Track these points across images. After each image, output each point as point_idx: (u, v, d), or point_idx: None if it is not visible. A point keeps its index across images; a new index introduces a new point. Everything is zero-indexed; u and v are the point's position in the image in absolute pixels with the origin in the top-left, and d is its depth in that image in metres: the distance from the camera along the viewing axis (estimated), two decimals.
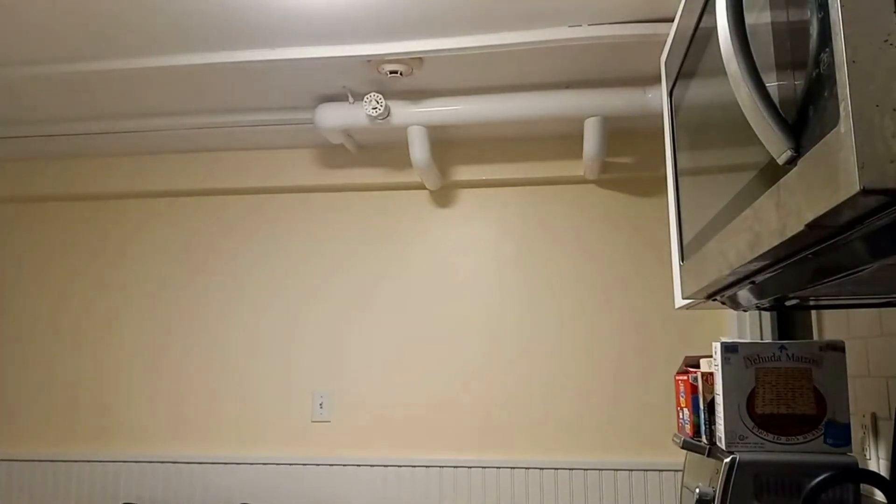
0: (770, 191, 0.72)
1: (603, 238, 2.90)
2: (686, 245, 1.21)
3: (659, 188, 2.88)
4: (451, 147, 2.97)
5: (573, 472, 2.73)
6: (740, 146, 0.83)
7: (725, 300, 1.13)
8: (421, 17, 2.03)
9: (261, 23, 2.05)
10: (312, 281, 3.03)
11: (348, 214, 3.07)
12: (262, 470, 2.88)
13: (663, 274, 2.81)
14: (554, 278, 2.90)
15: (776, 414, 1.40)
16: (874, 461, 1.54)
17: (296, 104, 2.66)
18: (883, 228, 0.59)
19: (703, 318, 2.76)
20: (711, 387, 1.54)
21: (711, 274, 0.99)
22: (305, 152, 3.06)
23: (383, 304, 2.97)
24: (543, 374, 2.83)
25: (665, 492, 2.67)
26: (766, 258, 0.77)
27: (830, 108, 0.56)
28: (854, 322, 1.64)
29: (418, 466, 2.81)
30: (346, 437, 2.90)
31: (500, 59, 2.27)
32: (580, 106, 2.45)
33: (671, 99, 1.34)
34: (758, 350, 1.42)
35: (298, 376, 2.96)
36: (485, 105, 2.49)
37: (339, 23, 2.06)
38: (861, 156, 0.52)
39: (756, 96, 0.66)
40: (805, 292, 0.94)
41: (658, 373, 2.76)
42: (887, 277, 0.81)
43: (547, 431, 2.80)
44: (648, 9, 1.99)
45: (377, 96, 2.44)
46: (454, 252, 2.97)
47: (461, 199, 3.02)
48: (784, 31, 0.69)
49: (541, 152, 2.93)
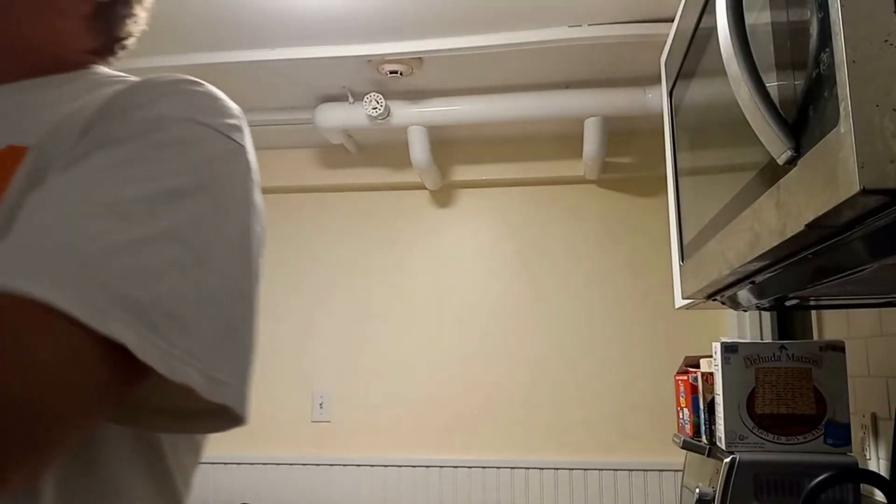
0: (770, 191, 0.72)
1: (603, 238, 2.90)
2: (686, 245, 1.21)
3: (659, 188, 2.88)
4: (451, 147, 2.97)
5: (573, 472, 2.73)
6: (740, 146, 0.83)
7: (725, 300, 1.13)
8: (421, 17, 2.03)
9: (261, 23, 2.05)
10: (312, 281, 3.03)
11: (348, 214, 3.07)
12: (262, 470, 2.88)
13: (663, 274, 2.81)
14: (554, 278, 2.90)
15: (776, 414, 1.40)
16: (874, 461, 1.54)
17: (296, 104, 2.66)
18: (883, 228, 0.59)
19: (703, 318, 2.76)
20: (711, 387, 1.54)
21: (711, 274, 0.99)
22: (305, 152, 3.06)
23: (383, 304, 2.97)
24: (543, 374, 2.83)
25: (665, 492, 2.67)
26: (766, 258, 0.77)
27: (830, 108, 0.56)
28: (854, 322, 1.64)
29: (418, 466, 2.81)
30: (346, 437, 2.90)
31: (500, 59, 2.27)
32: (580, 106, 2.45)
33: (671, 99, 1.34)
34: (758, 350, 1.42)
35: (298, 376, 2.96)
36: (485, 105, 2.49)
37: (339, 23, 2.06)
38: (861, 156, 0.52)
39: (756, 96, 0.66)
40: (805, 292, 0.94)
41: (658, 373, 2.76)
42: (887, 277, 0.81)
43: (547, 431, 2.79)
44: (648, 9, 1.99)
45: (377, 96, 2.44)
46: (454, 252, 2.97)
47: (461, 199, 3.02)
48: (784, 31, 0.69)
49: (541, 152, 2.93)
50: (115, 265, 0.44)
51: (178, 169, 0.49)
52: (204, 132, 0.52)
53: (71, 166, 0.48)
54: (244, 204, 0.54)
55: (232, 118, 0.56)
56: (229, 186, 0.53)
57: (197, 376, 0.46)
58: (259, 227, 0.56)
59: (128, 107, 0.52)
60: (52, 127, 0.53)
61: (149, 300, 0.44)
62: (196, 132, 0.52)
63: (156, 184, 0.48)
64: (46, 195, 0.47)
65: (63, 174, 0.48)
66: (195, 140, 0.51)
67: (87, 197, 0.46)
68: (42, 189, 0.47)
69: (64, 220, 0.44)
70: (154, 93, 0.53)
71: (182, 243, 0.47)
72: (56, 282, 0.42)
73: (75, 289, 0.42)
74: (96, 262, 0.43)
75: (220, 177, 0.52)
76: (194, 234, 0.48)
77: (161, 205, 0.47)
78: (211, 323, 0.48)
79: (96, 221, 0.45)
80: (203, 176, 0.50)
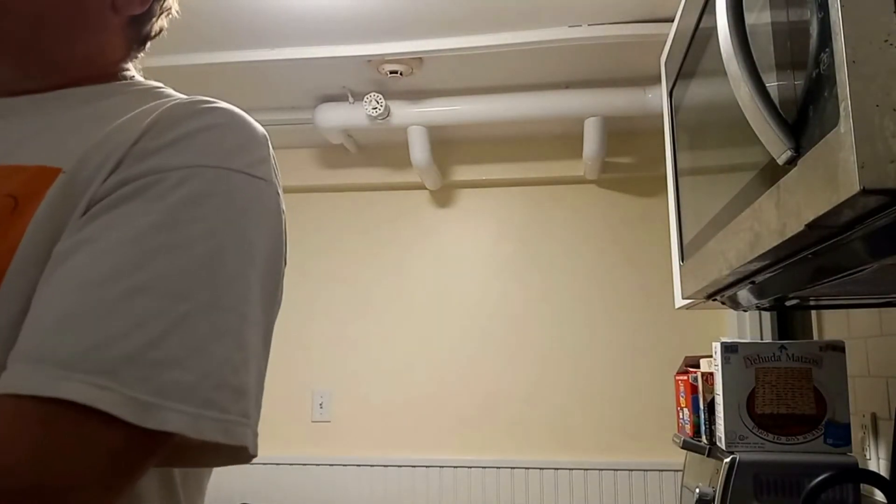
0: (770, 191, 0.72)
1: (603, 238, 2.90)
2: (686, 245, 1.21)
3: (659, 188, 2.88)
4: (451, 147, 2.97)
5: (573, 472, 2.73)
6: (740, 146, 0.83)
7: (725, 300, 1.13)
8: (421, 17, 2.03)
9: (261, 23, 2.05)
10: (312, 281, 3.03)
11: (348, 214, 3.07)
12: (262, 470, 2.88)
13: (663, 274, 2.81)
14: (554, 278, 2.90)
15: (776, 414, 1.40)
16: (874, 461, 1.54)
17: (296, 104, 2.66)
18: (883, 228, 0.59)
19: (703, 318, 2.76)
20: (711, 387, 1.54)
21: (711, 274, 0.99)
22: (305, 152, 3.06)
23: (383, 304, 2.97)
24: (543, 374, 2.83)
25: (665, 492, 2.67)
26: (766, 258, 0.77)
27: (830, 108, 0.56)
28: (854, 322, 1.64)
29: (418, 466, 2.81)
30: (346, 437, 2.90)
31: (500, 59, 2.27)
32: (580, 106, 2.45)
33: (671, 99, 1.34)
34: (758, 350, 1.42)
35: (298, 376, 2.96)
36: (485, 105, 2.49)
37: (339, 23, 2.06)
38: (861, 156, 0.52)
39: (756, 96, 0.66)
40: (805, 292, 0.94)
41: (658, 373, 2.76)
42: (887, 277, 0.81)
43: (546, 431, 2.79)
44: (648, 9, 1.99)
45: (377, 96, 2.44)
46: (454, 252, 2.97)
47: (461, 199, 3.02)
48: (784, 31, 0.69)
49: (541, 152, 2.93)
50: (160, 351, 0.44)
51: (212, 230, 0.49)
52: (232, 179, 0.52)
53: (101, 220, 0.48)
54: (270, 249, 0.55)
55: (258, 149, 0.56)
56: (258, 238, 0.53)
57: (250, 435, 0.50)
58: (281, 263, 0.57)
59: (156, 149, 0.52)
60: (84, 152, 0.53)
61: (194, 379, 0.45)
62: (225, 180, 0.52)
63: (185, 253, 0.48)
64: (73, 273, 0.46)
65: (90, 242, 0.47)
66: (224, 192, 0.51)
67: (123, 275, 0.46)
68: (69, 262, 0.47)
69: (94, 308, 0.44)
70: (180, 132, 0.52)
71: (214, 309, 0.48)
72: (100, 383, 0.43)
73: (121, 388, 0.43)
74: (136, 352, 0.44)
75: (249, 229, 0.52)
76: (227, 294, 0.49)
77: (192, 278, 0.47)
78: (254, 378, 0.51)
79: (130, 309, 0.45)
80: (233, 233, 0.51)
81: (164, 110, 0.55)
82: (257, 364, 0.51)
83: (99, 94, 0.61)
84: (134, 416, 0.42)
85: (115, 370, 0.43)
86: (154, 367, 0.44)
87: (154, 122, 0.54)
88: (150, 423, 0.43)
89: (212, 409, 0.45)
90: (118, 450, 0.43)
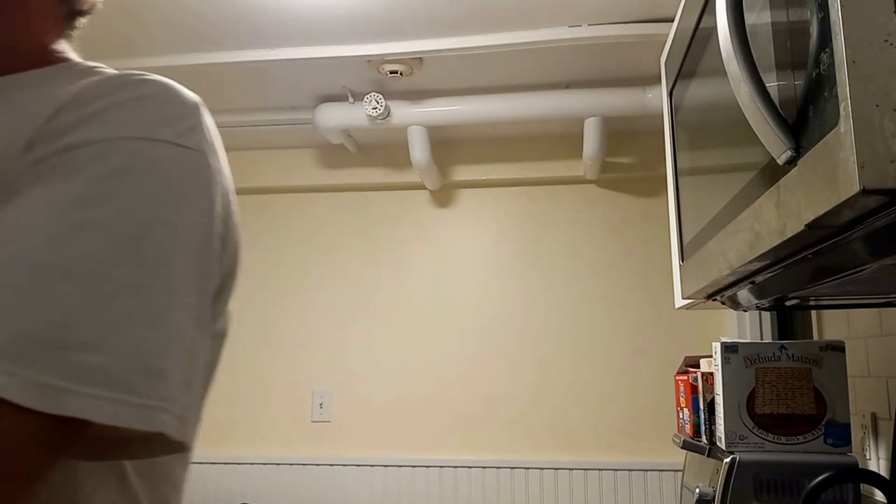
0: (770, 191, 0.72)
1: (603, 238, 2.90)
2: (686, 245, 1.21)
3: (659, 188, 2.88)
4: (451, 147, 2.97)
5: (573, 472, 2.73)
6: (740, 146, 0.83)
7: (725, 300, 1.13)
8: (421, 17, 2.03)
9: (261, 23, 2.05)
10: (312, 281, 3.03)
11: (348, 214, 3.07)
12: (262, 470, 2.88)
13: (663, 274, 2.81)
14: (554, 278, 2.90)
15: (776, 414, 1.40)
16: (874, 461, 1.54)
17: (296, 104, 2.66)
18: (883, 228, 0.59)
19: (703, 318, 2.76)
20: (711, 387, 1.54)
21: (711, 274, 0.99)
22: (305, 152, 3.06)
23: (383, 304, 2.97)
24: (543, 374, 2.83)
25: (665, 492, 2.67)
26: (766, 258, 0.77)
27: (830, 108, 0.56)
28: (854, 322, 1.64)
29: (418, 466, 2.81)
30: (346, 437, 2.90)
31: (501, 59, 2.27)
32: (580, 106, 2.45)
33: (671, 99, 1.34)
34: (758, 350, 1.42)
35: (298, 376, 2.96)
36: (485, 105, 2.49)
37: (339, 23, 2.06)
38: (861, 156, 0.52)
39: (756, 96, 0.66)
40: (805, 292, 0.94)
41: (658, 373, 2.76)
42: (887, 277, 0.81)
43: (547, 431, 2.79)
44: (648, 9, 1.99)
45: (377, 96, 2.44)
46: (454, 252, 2.97)
47: (461, 199, 3.02)
48: (784, 31, 0.69)
49: (541, 152, 2.93)
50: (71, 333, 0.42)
51: (133, 206, 0.47)
52: (157, 150, 0.49)
53: (14, 203, 0.46)
54: (203, 223, 0.51)
55: (188, 118, 0.53)
56: (186, 212, 0.50)
57: (171, 420, 0.45)
58: (221, 236, 0.54)
59: (76, 122, 0.49)
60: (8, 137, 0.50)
61: (107, 362, 0.43)
62: (149, 153, 0.49)
63: (102, 231, 0.45)
64: None
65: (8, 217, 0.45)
66: (147, 165, 0.48)
67: (36, 257, 0.43)
68: None
69: (2, 292, 0.42)
70: (102, 104, 0.50)
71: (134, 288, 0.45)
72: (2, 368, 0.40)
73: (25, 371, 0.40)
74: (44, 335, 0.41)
75: (175, 203, 0.49)
76: (147, 272, 0.46)
77: (108, 257, 0.45)
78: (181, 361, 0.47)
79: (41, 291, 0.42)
80: (156, 209, 0.48)
81: (86, 84, 0.52)
82: (187, 345, 0.48)
83: (33, 82, 0.57)
84: (35, 401, 0.40)
85: (20, 354, 0.40)
86: (63, 350, 0.41)
87: (73, 97, 0.51)
88: (52, 409, 0.40)
89: (126, 394, 0.42)
90: (21, 439, 0.40)
